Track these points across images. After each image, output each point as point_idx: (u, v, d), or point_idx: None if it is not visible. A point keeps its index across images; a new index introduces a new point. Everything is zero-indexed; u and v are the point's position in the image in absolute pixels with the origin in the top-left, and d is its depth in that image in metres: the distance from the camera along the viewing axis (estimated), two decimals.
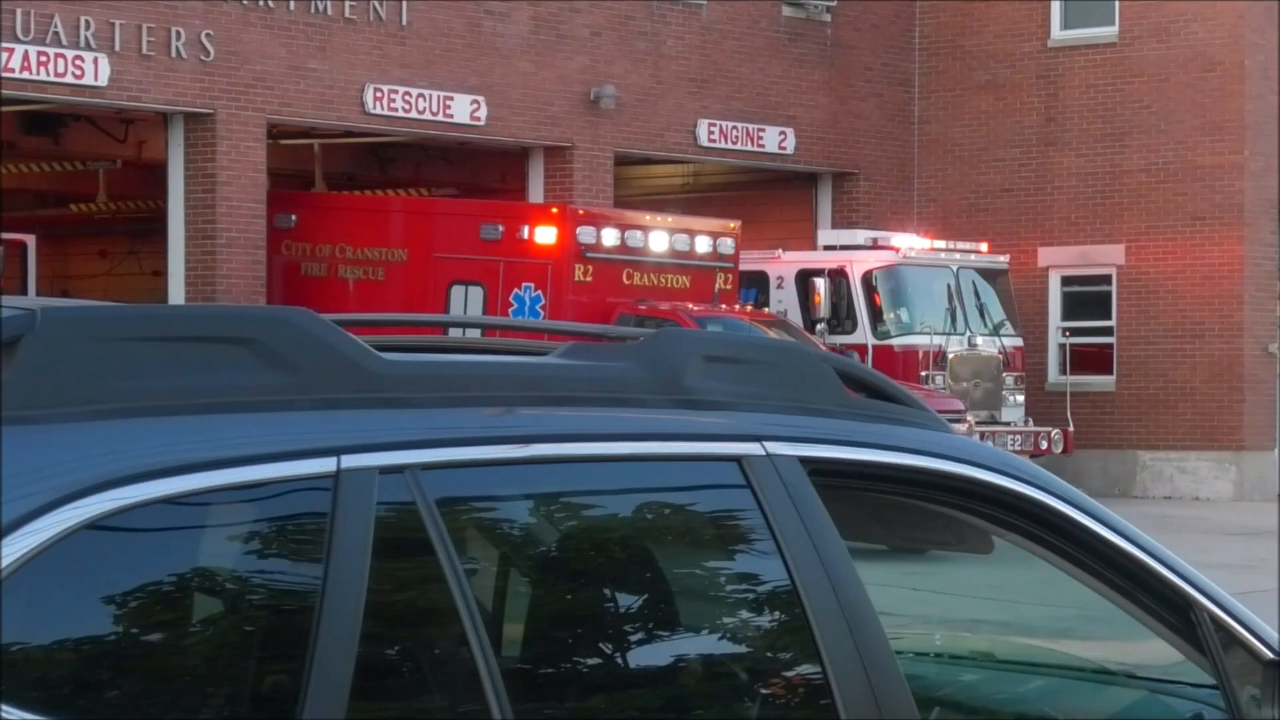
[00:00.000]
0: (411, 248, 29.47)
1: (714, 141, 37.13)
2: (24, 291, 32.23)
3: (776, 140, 37.65)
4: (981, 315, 33.76)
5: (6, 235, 31.86)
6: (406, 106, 33.16)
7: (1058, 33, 39.21)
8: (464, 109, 33.72)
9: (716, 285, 30.86)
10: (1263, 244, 36.95)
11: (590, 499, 5.36)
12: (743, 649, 5.57)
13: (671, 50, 36.53)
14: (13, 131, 34.40)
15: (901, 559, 6.05)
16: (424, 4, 33.21)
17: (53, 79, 29.65)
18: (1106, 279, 37.71)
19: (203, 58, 30.74)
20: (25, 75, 29.36)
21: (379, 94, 32.68)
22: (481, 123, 34.05)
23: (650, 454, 5.33)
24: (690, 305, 30.45)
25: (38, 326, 4.46)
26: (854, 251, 34.20)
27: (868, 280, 33.48)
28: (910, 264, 33.81)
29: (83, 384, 4.52)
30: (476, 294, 29.03)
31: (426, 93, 33.33)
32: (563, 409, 5.19)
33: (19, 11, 29.01)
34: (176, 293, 31.65)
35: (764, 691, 5.49)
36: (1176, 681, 6.22)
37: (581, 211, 30.74)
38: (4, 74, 29.11)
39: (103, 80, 29.88)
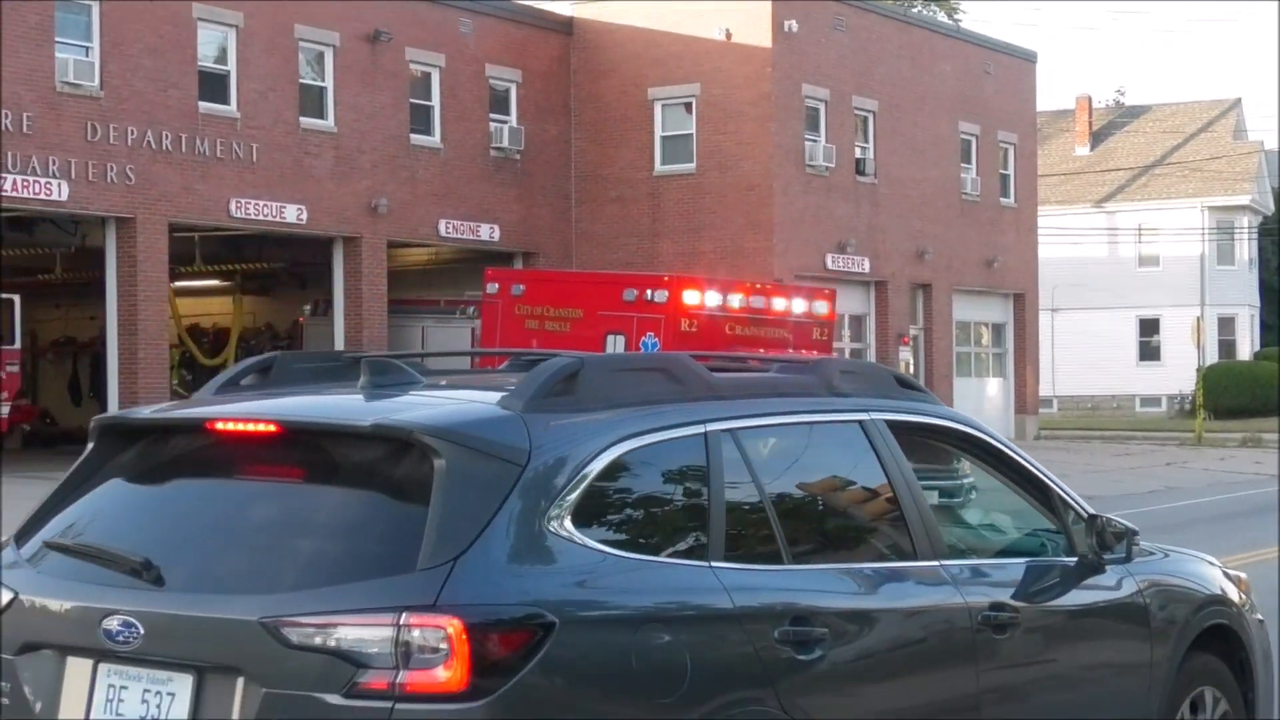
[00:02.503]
0: (585, 308, 26.01)
1: (449, 233, 36.80)
2: (12, 333, 31.55)
3: (488, 232, 37.47)
4: None
5: (2, 295, 31.41)
6: (255, 212, 32.85)
7: (659, 166, 39.36)
8: (292, 214, 33.48)
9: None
10: None
11: (801, 439, 5.93)
12: (868, 510, 6.08)
13: (422, 176, 36.24)
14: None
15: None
16: (266, 149, 32.92)
17: (30, 196, 29.45)
18: None
19: (128, 183, 30.70)
20: (14, 194, 29.10)
21: (239, 204, 32.54)
22: (304, 223, 33.84)
23: (822, 420, 5.97)
24: (762, 351, 24.64)
25: (584, 366, 5.20)
26: None
27: None
28: None
29: (604, 394, 5.20)
30: (620, 340, 25.60)
31: (269, 203, 33.07)
32: (784, 399, 5.89)
33: (9, 154, 28.83)
34: (111, 332, 31.16)
35: (883, 528, 6.02)
36: (1046, 530, 6.63)
37: (688, 279, 26.81)
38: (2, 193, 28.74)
39: (64, 196, 29.85)
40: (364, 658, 4.45)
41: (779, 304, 26.99)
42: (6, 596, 5.11)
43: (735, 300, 26.53)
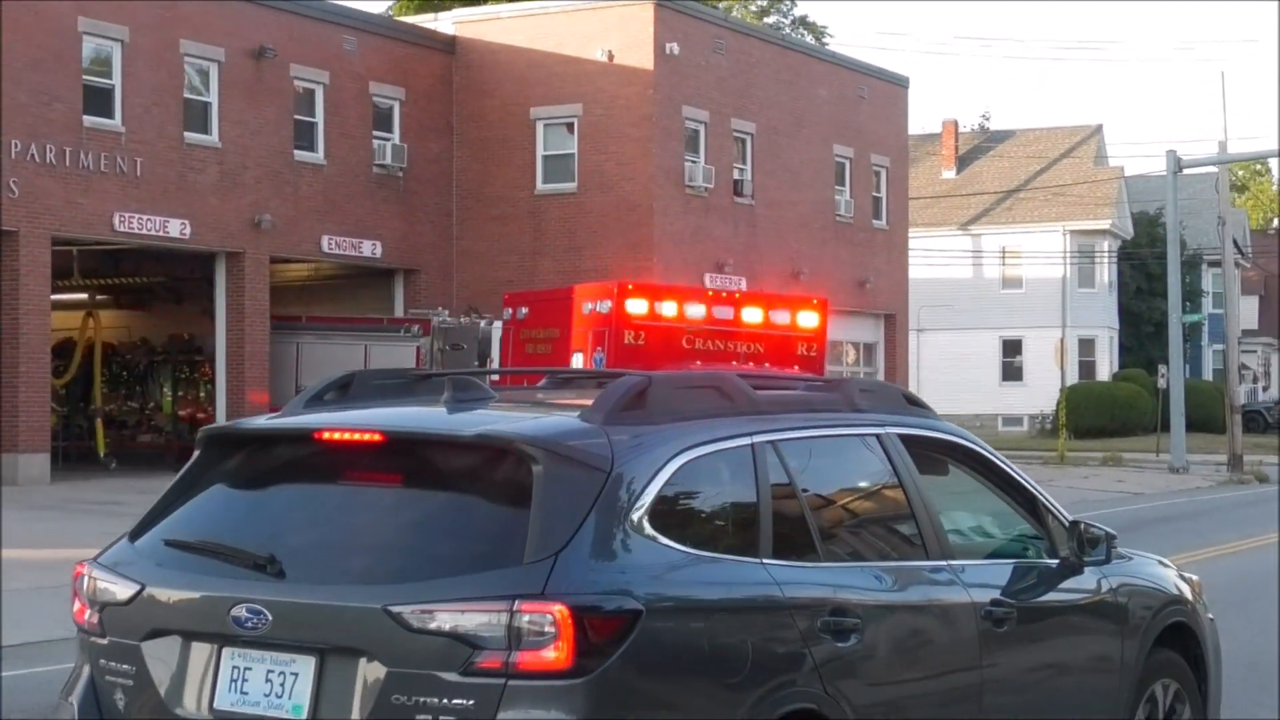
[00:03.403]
0: (560, 326, 24.05)
1: (332, 249, 37.02)
2: None
3: (370, 249, 37.71)
4: None
5: None
6: (139, 227, 32.87)
7: (540, 185, 39.63)
8: (176, 228, 33.55)
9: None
10: None
11: (830, 450, 6.51)
12: (886, 514, 6.67)
13: (305, 192, 36.41)
14: None
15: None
16: (151, 163, 32.96)
17: None
18: None
19: (11, 195, 30.57)
20: None
21: (123, 219, 32.57)
22: (187, 238, 33.86)
23: (846, 433, 6.59)
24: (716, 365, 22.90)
25: (653, 383, 5.80)
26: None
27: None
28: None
29: (667, 408, 5.78)
30: (578, 359, 23.48)
31: (153, 218, 33.09)
32: (815, 414, 6.52)
33: None
34: None
35: (899, 530, 6.61)
36: (1030, 535, 7.23)
37: (631, 286, 24.25)
38: None
39: None
40: (479, 640, 5.01)
41: (751, 315, 24.44)
42: (133, 589, 5.66)
43: (695, 310, 24.15)
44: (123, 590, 5.68)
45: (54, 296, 32.75)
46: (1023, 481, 7.21)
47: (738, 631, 5.50)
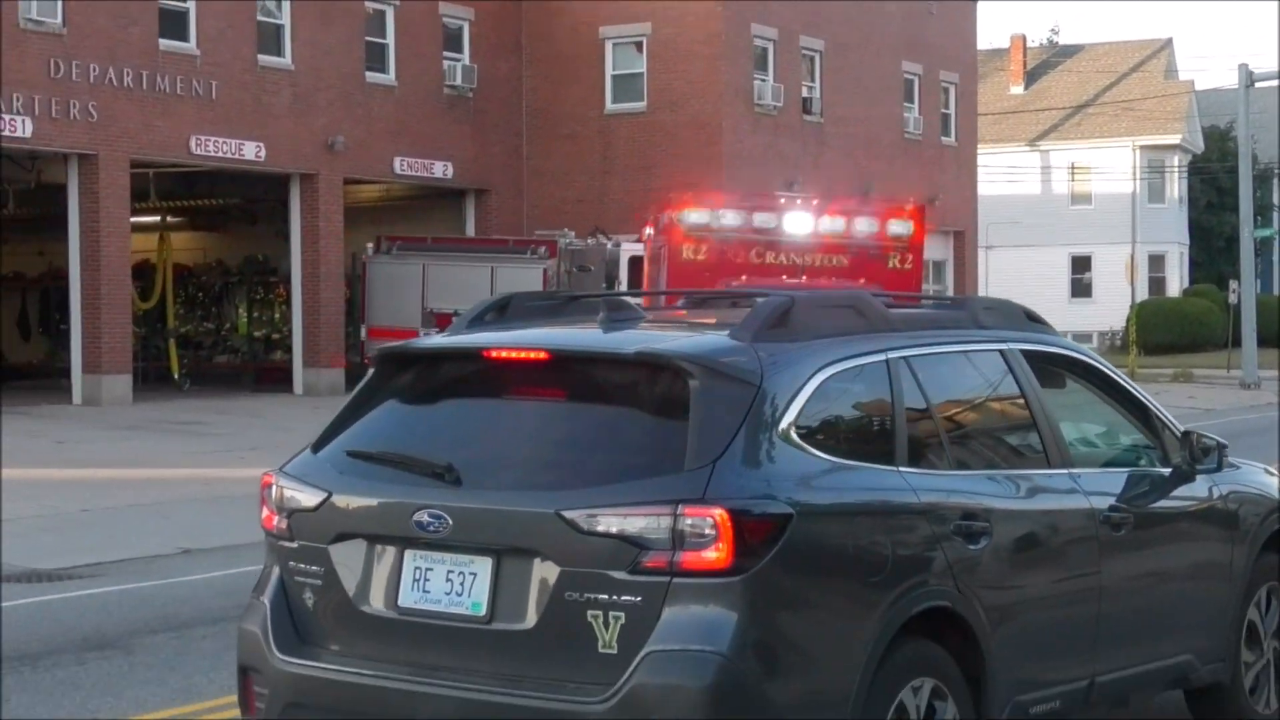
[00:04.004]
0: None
1: (404, 171, 37.16)
2: None
3: (442, 170, 37.81)
4: None
5: None
6: (215, 149, 33.17)
7: (609, 105, 39.73)
8: (251, 151, 33.83)
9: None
10: None
11: (957, 365, 6.81)
12: (1010, 425, 6.97)
13: (377, 114, 36.56)
14: None
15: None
16: (226, 85, 33.22)
17: None
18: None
19: (90, 120, 30.93)
20: None
21: (199, 141, 32.86)
22: (262, 160, 34.16)
23: (972, 349, 6.88)
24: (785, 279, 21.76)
25: (796, 303, 6.12)
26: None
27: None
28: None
29: (809, 326, 6.10)
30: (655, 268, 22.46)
31: (228, 140, 33.36)
32: (942, 330, 6.84)
33: None
34: (74, 267, 31.35)
35: (1022, 441, 6.93)
36: (1144, 445, 7.54)
37: (692, 196, 22.68)
38: None
39: (28, 133, 30.07)
40: (646, 541, 5.39)
41: (830, 224, 22.52)
42: (320, 496, 6.06)
43: (764, 220, 22.39)
44: (310, 498, 6.07)
45: (131, 219, 33.09)
46: (1136, 393, 7.50)
47: (878, 534, 5.85)
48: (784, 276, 21.04)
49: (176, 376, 36.94)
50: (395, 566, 5.85)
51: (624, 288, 27.67)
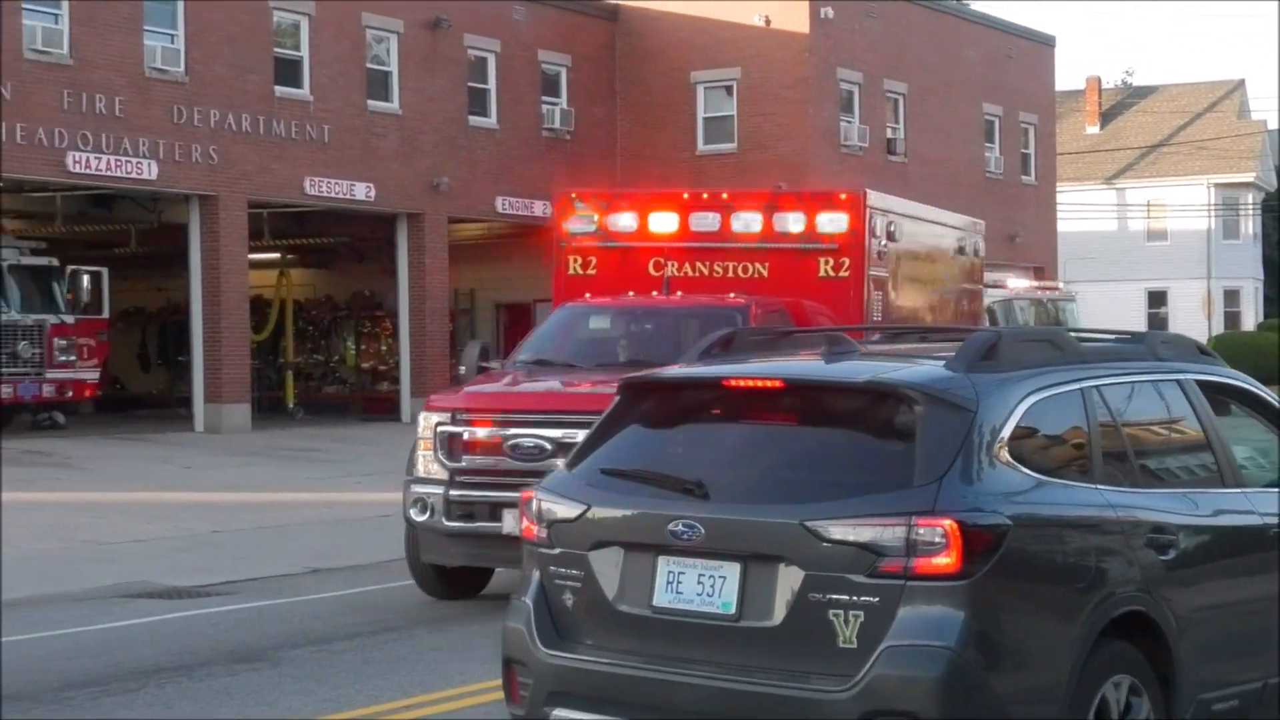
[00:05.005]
0: None
1: (505, 209, 37.95)
2: (101, 300, 31.83)
3: (541, 208, 37.55)
4: None
5: (87, 267, 31.92)
6: (328, 190, 34.04)
7: (701, 146, 40.40)
8: (361, 191, 34.66)
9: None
10: None
11: (1142, 393, 7.24)
12: (1189, 448, 7.38)
13: (480, 156, 37.38)
14: (82, 206, 34.68)
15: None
16: (338, 130, 34.14)
17: (123, 175, 30.66)
18: None
19: (210, 162, 31.87)
20: (108, 173, 30.36)
21: (313, 183, 33.75)
22: (372, 200, 34.98)
23: (1153, 379, 7.34)
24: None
25: (1001, 338, 6.64)
26: None
27: None
28: None
29: (1013, 358, 6.60)
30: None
31: (340, 181, 34.25)
32: (1126, 362, 7.30)
33: (104, 135, 29.97)
34: (196, 303, 32.08)
35: (1200, 463, 7.34)
36: None
37: (578, 192, 18.28)
38: (96, 172, 30.07)
39: (153, 175, 31.03)
40: (882, 549, 5.93)
41: (745, 222, 17.14)
42: (579, 508, 6.68)
43: (663, 222, 17.21)
44: (569, 510, 6.66)
45: (255, 257, 34.04)
46: None
47: (1081, 544, 6.39)
48: (653, 292, 15.51)
49: (291, 406, 37.82)
50: (650, 570, 6.40)
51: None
